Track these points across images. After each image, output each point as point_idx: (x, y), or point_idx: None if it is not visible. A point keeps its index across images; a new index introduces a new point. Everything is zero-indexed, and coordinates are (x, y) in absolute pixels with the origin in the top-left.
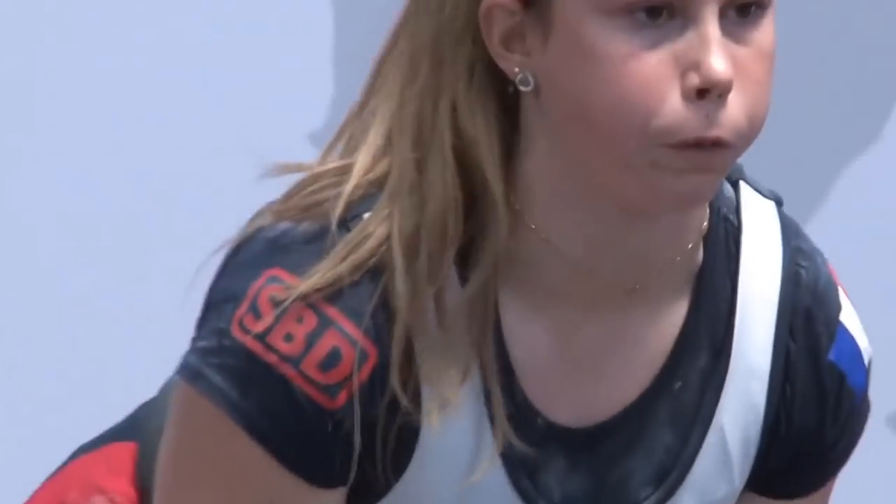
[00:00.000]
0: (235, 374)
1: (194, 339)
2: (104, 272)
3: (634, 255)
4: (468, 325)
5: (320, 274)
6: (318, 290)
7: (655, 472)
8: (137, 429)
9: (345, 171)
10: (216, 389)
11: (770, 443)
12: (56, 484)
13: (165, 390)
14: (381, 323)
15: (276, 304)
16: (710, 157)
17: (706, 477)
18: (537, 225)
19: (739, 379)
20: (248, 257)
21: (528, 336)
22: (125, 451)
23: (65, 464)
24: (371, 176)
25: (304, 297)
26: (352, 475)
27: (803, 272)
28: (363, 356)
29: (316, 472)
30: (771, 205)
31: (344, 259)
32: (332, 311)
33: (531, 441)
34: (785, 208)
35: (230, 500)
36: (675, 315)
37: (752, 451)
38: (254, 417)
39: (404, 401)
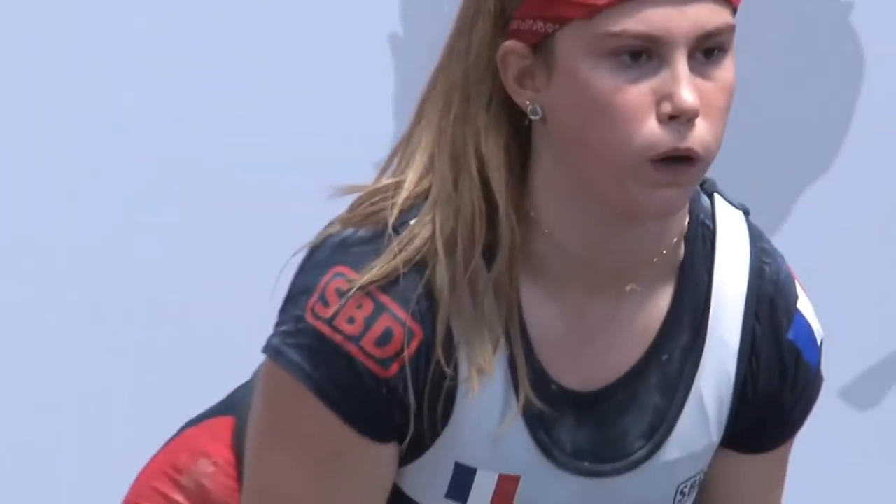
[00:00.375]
0: (309, 351)
1: (276, 325)
2: (205, 279)
3: (627, 252)
4: (496, 307)
5: (378, 268)
6: (373, 282)
7: (647, 428)
8: (234, 405)
9: (397, 186)
10: (293, 364)
11: (739, 405)
12: (169, 451)
13: (257, 374)
14: (424, 307)
15: (340, 294)
16: (681, 172)
17: (688, 432)
18: (549, 228)
19: (714, 353)
20: (318, 258)
21: (543, 317)
22: (225, 424)
23: (175, 436)
24: (418, 189)
25: (362, 288)
26: (409, 431)
27: (766, 268)
28: (410, 334)
29: (374, 429)
30: (740, 214)
31: (395, 256)
32: (385, 299)
33: (546, 402)
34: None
35: (305, 455)
36: (662, 300)
37: (725, 412)
38: (323, 385)
39: (447, 370)
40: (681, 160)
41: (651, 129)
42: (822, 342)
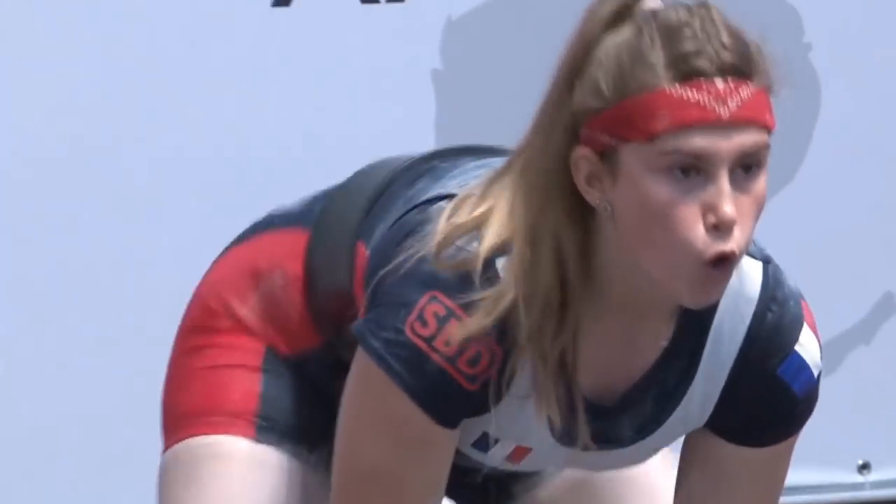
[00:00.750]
0: (407, 361)
1: (373, 324)
2: None
3: (658, 297)
4: (569, 360)
5: (475, 322)
6: (473, 315)
7: (639, 426)
8: (312, 220)
9: (479, 224)
10: (393, 370)
11: (721, 408)
12: (251, 250)
13: (344, 187)
14: (503, 336)
15: (437, 318)
16: (724, 270)
17: (672, 428)
18: (604, 285)
19: (703, 379)
20: (416, 276)
21: (586, 349)
22: (301, 239)
23: (253, 233)
24: (496, 242)
25: (457, 317)
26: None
27: (770, 314)
28: (493, 358)
29: (452, 422)
30: (759, 264)
31: (489, 314)
32: (481, 333)
33: (595, 411)
34: None
35: (391, 437)
36: (665, 332)
37: (706, 417)
38: (418, 391)
39: (512, 372)
40: (724, 261)
41: (700, 236)
42: (819, 374)
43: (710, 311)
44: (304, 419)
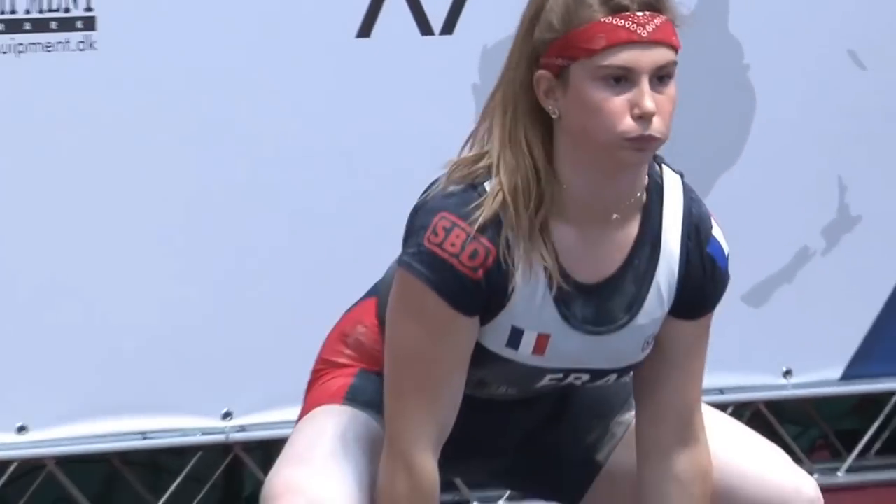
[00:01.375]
0: (427, 263)
1: (405, 248)
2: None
3: (614, 197)
4: (540, 233)
5: (478, 214)
6: (474, 224)
7: (626, 306)
8: (377, 291)
9: (476, 160)
10: (419, 272)
11: (681, 290)
12: (340, 324)
13: (388, 272)
14: (495, 236)
15: (445, 230)
16: (646, 145)
17: (650, 307)
18: (567, 186)
19: (665, 260)
20: (430, 206)
21: (564, 240)
22: (371, 303)
23: (345, 313)
24: (487, 162)
25: (459, 227)
26: (491, 314)
27: (693, 208)
28: (488, 253)
29: (468, 309)
30: (677, 176)
31: (482, 216)
32: (477, 233)
33: (567, 290)
34: None
35: (423, 325)
36: (633, 227)
37: (672, 294)
38: (438, 284)
39: (512, 272)
40: (646, 139)
41: (627, 122)
42: (728, 255)
43: (659, 210)
44: (379, 401)
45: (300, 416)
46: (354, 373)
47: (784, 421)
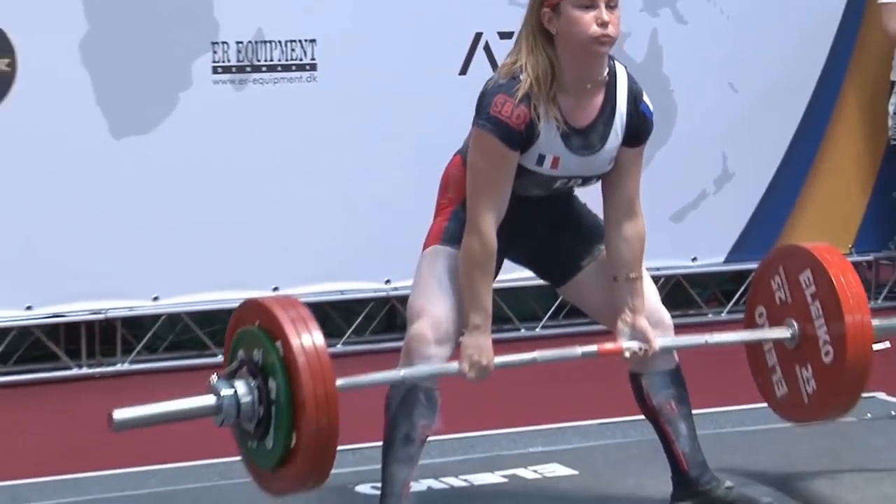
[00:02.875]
0: (494, 123)
1: (478, 117)
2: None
3: (591, 77)
4: (552, 100)
5: (518, 93)
6: (516, 98)
7: (599, 139)
8: (460, 150)
9: (513, 63)
10: (488, 128)
11: (626, 130)
12: (446, 173)
13: (465, 142)
14: (528, 104)
15: (501, 103)
16: (605, 41)
17: (612, 139)
18: (564, 71)
19: (618, 114)
20: (490, 91)
21: (564, 101)
22: (458, 157)
23: (447, 165)
24: (519, 63)
25: (510, 99)
26: (527, 148)
27: (632, 85)
28: (525, 114)
29: (516, 146)
30: (623, 67)
31: (520, 93)
32: (519, 103)
33: (567, 132)
34: None
35: (490, 158)
36: (601, 96)
37: (623, 132)
38: (499, 133)
39: (538, 123)
40: (605, 37)
41: (594, 28)
42: (653, 112)
43: (614, 86)
44: (461, 235)
45: (424, 247)
46: (448, 215)
47: (692, 285)
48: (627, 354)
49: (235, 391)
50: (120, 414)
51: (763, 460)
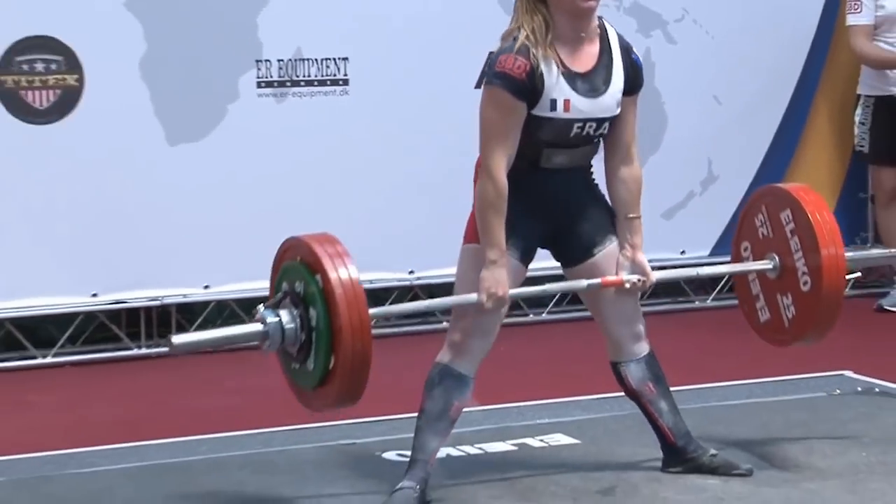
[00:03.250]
0: (500, 77)
1: (486, 76)
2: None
3: (585, 29)
4: (549, 48)
5: (517, 47)
6: (515, 52)
7: (603, 81)
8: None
9: (514, 28)
10: (495, 82)
11: (624, 76)
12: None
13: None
14: (527, 55)
15: (505, 60)
16: (590, 6)
17: (614, 84)
18: (558, 24)
19: (615, 62)
20: (496, 54)
21: (562, 49)
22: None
23: None
24: (517, 25)
25: (511, 55)
26: (537, 98)
27: (622, 40)
28: (527, 65)
29: (521, 95)
30: (612, 26)
31: (520, 48)
32: (517, 56)
33: (570, 74)
34: None
35: (499, 109)
36: (596, 46)
37: (622, 80)
38: (504, 84)
39: (539, 69)
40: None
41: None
42: (642, 61)
43: (607, 38)
44: (509, 232)
45: (466, 240)
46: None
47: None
48: (628, 285)
49: (280, 319)
50: (178, 338)
51: (743, 431)
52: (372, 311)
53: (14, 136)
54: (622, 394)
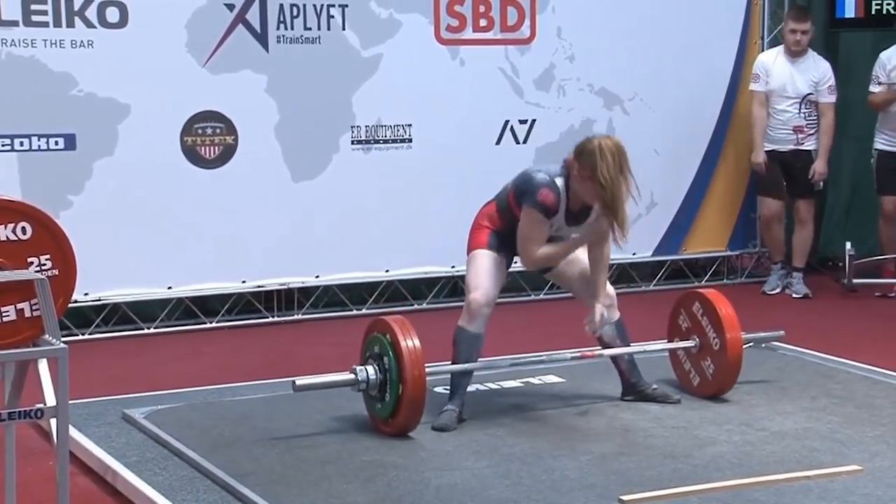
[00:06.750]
0: (541, 205)
1: (527, 198)
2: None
3: (582, 203)
4: (567, 204)
5: (555, 191)
6: (553, 192)
7: (584, 219)
8: (496, 197)
9: (557, 171)
10: (535, 207)
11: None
12: (482, 211)
13: (500, 192)
14: (558, 198)
15: (544, 194)
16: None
17: (588, 222)
18: (573, 194)
19: (593, 211)
20: (538, 184)
21: (571, 206)
22: (493, 204)
23: (484, 205)
24: (557, 174)
25: (553, 192)
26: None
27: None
28: (557, 203)
29: (551, 217)
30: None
31: (558, 191)
32: (554, 193)
33: (571, 215)
34: None
35: (534, 223)
36: (587, 206)
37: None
38: (542, 209)
39: (560, 209)
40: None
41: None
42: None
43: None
44: (500, 247)
45: (469, 250)
46: (489, 232)
47: (632, 269)
48: (597, 317)
49: (367, 371)
50: (300, 382)
51: (671, 373)
52: (428, 368)
53: (192, 177)
54: (598, 347)
